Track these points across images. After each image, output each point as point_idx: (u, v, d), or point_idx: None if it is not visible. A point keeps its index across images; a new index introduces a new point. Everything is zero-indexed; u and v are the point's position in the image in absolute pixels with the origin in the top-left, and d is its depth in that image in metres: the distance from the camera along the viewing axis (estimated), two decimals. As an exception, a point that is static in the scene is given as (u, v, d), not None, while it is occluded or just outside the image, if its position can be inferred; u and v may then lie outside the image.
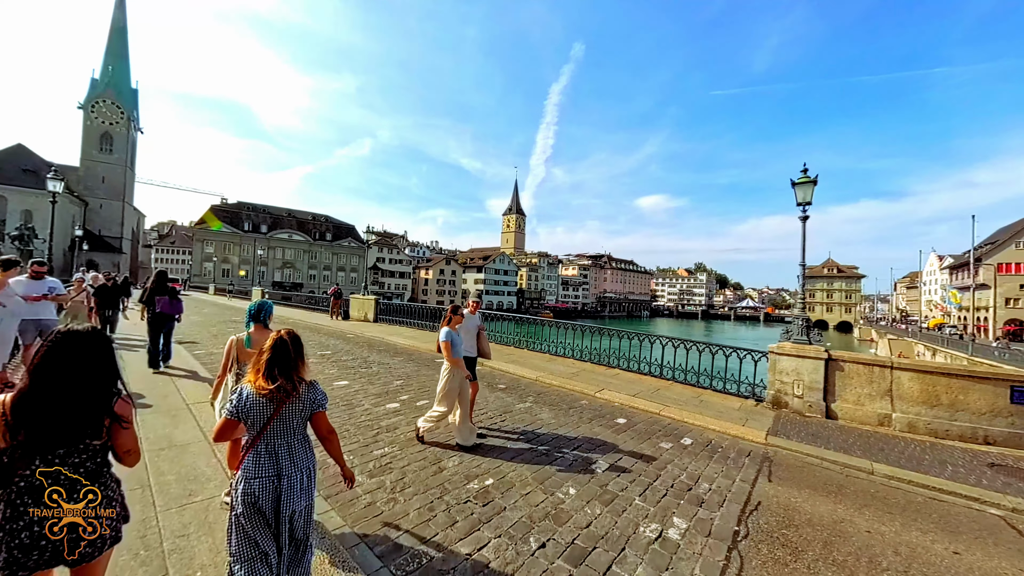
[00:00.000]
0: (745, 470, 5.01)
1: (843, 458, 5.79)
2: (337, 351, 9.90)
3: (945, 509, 4.57)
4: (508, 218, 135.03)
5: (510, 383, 8.09)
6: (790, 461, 5.56)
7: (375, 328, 15.21)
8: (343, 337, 12.52)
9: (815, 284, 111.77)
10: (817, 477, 5.13)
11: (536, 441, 5.25)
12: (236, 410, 2.12)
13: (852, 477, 5.32)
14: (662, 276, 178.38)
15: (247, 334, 3.36)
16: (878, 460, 5.81)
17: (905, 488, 5.07)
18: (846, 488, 4.88)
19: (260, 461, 2.11)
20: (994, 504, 4.85)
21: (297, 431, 2.24)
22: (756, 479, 4.80)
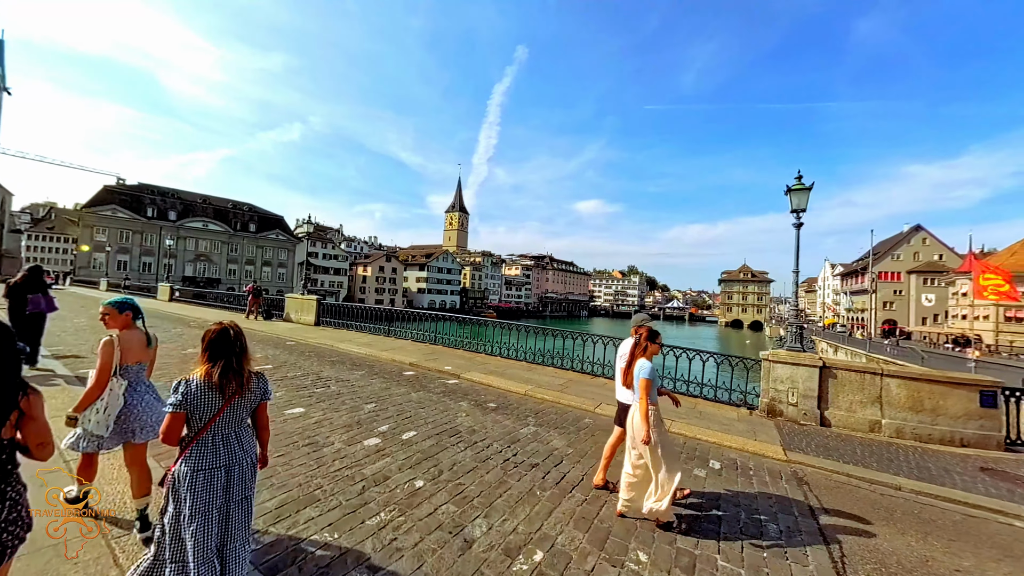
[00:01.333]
0: (793, 499, 4.44)
1: (868, 473, 5.53)
2: (279, 364, 8.10)
3: (992, 529, 4.36)
4: (451, 216, 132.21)
5: (499, 401, 7.02)
6: (823, 482, 5.16)
7: (318, 333, 13.21)
8: (282, 345, 10.54)
9: (733, 287, 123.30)
10: (859, 500, 4.75)
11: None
12: (184, 402, 2.10)
13: (887, 496, 5.05)
14: (599, 277, 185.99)
15: (118, 333, 3.00)
16: (895, 472, 5.65)
17: (940, 505, 4.86)
18: (895, 512, 4.55)
19: (208, 452, 2.11)
20: (1017, 516, 4.77)
21: (244, 420, 2.30)
22: (813, 512, 4.27)
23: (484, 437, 5.17)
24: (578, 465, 4.67)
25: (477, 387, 7.78)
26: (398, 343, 12.03)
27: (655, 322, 4.86)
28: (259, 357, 8.55)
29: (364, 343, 11.56)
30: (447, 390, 7.30)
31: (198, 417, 2.12)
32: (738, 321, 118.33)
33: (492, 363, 10.03)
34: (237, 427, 2.24)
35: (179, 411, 2.08)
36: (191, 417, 2.12)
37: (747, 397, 8.33)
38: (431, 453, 4.51)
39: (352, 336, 12.89)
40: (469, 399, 6.87)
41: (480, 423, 5.69)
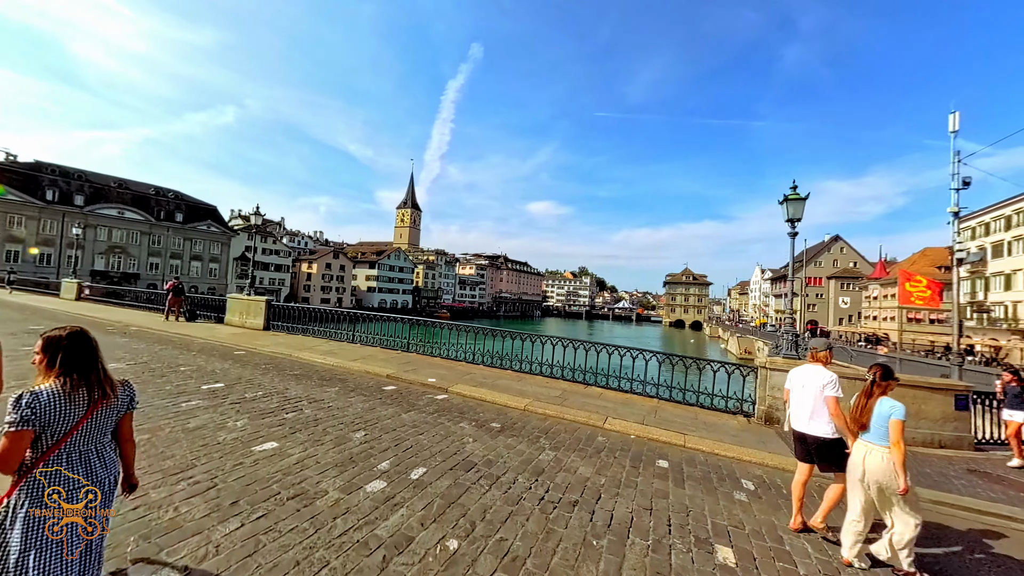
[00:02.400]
0: (780, 513, 4.14)
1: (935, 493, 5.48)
2: (232, 381, 6.75)
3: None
4: (402, 212, 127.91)
5: (500, 419, 6.29)
6: None
7: (270, 340, 11.63)
8: (229, 355, 9.01)
9: (676, 289, 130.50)
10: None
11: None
12: (31, 417, 1.78)
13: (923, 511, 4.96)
14: (552, 278, 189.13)
15: None
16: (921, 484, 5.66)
17: (971, 517, 4.84)
18: (944, 528, 4.43)
19: (66, 472, 1.89)
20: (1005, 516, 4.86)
21: (106, 434, 2.08)
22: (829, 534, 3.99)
23: (504, 469, 4.43)
24: (620, 500, 4.08)
25: (470, 403, 6.98)
26: (366, 351, 10.84)
27: (604, 322, 4.46)
28: (208, 372, 7.12)
29: (327, 351, 10.26)
30: (439, 408, 6.44)
31: (49, 435, 1.85)
32: (680, 321, 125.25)
33: (476, 373, 9.23)
34: (101, 441, 2.03)
35: (24, 429, 1.77)
36: (40, 436, 1.83)
37: (743, 405, 8.24)
38: (453, 497, 3.71)
39: (311, 343, 11.46)
40: (467, 418, 6.07)
41: (492, 450, 4.93)
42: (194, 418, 4.86)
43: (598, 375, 9.12)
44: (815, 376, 4.06)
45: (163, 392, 5.75)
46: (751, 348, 52.54)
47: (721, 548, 3.41)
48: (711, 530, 3.73)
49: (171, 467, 3.68)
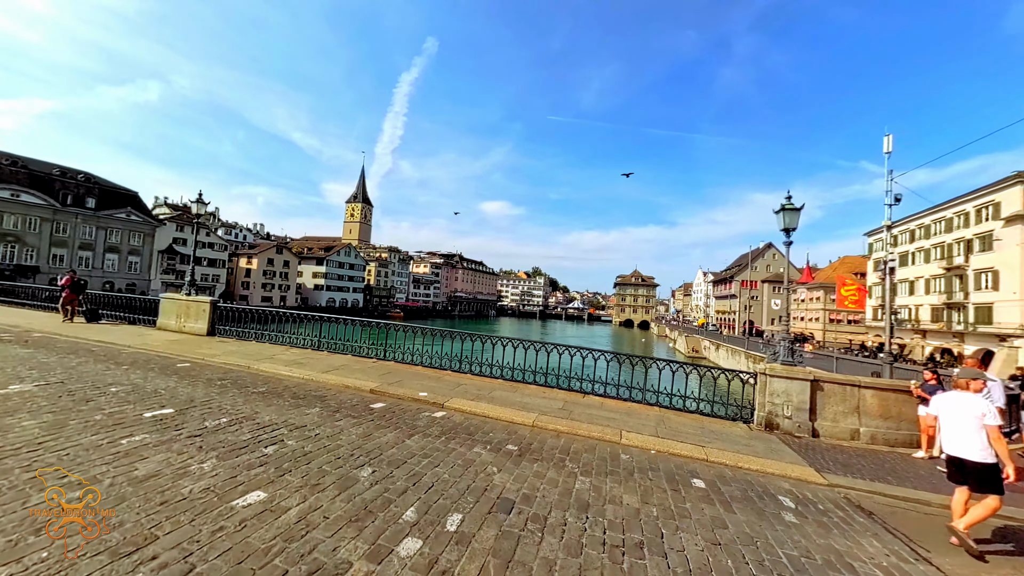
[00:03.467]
0: (844, 540, 4.00)
1: (900, 491, 5.52)
2: (184, 405, 5.50)
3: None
4: (353, 206, 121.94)
5: (513, 439, 5.66)
6: (878, 508, 4.92)
7: (219, 347, 10.08)
8: (173, 369, 7.54)
9: (626, 290, 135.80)
10: (923, 526, 4.55)
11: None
12: None
13: (937, 516, 4.98)
14: (506, 278, 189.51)
15: None
16: (908, 485, 5.76)
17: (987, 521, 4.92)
18: (976, 535, 4.42)
19: None
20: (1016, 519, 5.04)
21: None
22: (912, 549, 3.89)
23: (546, 506, 3.81)
24: (683, 535, 3.61)
25: (474, 420, 6.26)
26: (337, 359, 9.68)
27: (557, 321, 4.10)
28: (149, 393, 5.77)
29: (292, 361, 9.00)
30: (444, 429, 5.67)
31: None
32: (629, 321, 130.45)
33: (467, 383, 8.49)
34: None
35: None
36: None
37: (742, 412, 8.21)
38: (507, 553, 3.03)
39: (270, 351, 10.07)
40: (479, 441, 5.36)
41: (523, 481, 4.28)
42: (143, 461, 3.75)
43: (595, 383, 8.74)
44: (967, 404, 4.19)
45: (92, 425, 4.47)
46: (698, 346, 55.50)
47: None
48: (789, 564, 3.38)
49: (120, 541, 2.68)
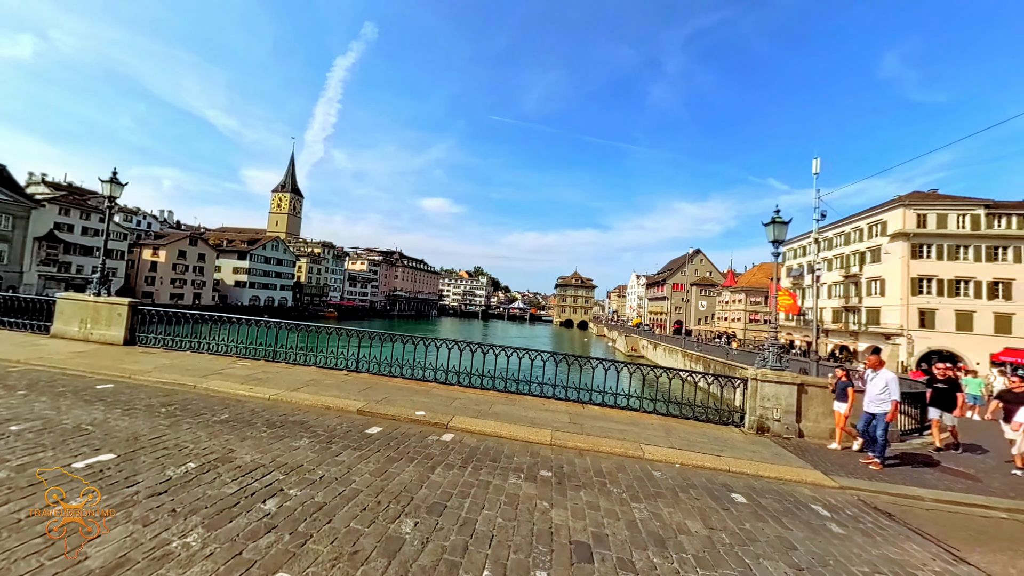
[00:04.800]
0: (895, 547, 4.11)
1: (897, 488, 5.85)
2: (126, 446, 4.14)
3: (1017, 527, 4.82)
4: (280, 196, 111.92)
5: (540, 462, 5.16)
6: (891, 508, 5.13)
7: (147, 360, 8.30)
8: (92, 394, 5.90)
9: (567, 291, 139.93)
10: (937, 523, 4.80)
11: None
12: None
13: (937, 511, 5.33)
14: (448, 277, 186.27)
15: None
16: (898, 481, 6.15)
17: (964, 512, 5.34)
18: (987, 532, 4.76)
19: None
20: (999, 508, 5.59)
21: None
22: (945, 549, 4.04)
23: (624, 547, 3.34)
24: (766, 562, 3.35)
25: (489, 443, 5.60)
26: (301, 373, 8.40)
27: (499, 321, 3.96)
28: (71, 430, 4.33)
29: (248, 377, 7.61)
30: (463, 456, 4.96)
31: None
32: (569, 321, 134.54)
33: (460, 397, 7.75)
34: None
35: None
36: None
37: (732, 416, 8.38)
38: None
39: (215, 364, 8.48)
40: (508, 468, 4.75)
41: (583, 517, 3.77)
42: (94, 544, 2.64)
43: (593, 392, 8.44)
44: None
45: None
46: (636, 346, 58.50)
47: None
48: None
49: None
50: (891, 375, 7.04)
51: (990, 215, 36.05)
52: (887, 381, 6.96)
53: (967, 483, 6.53)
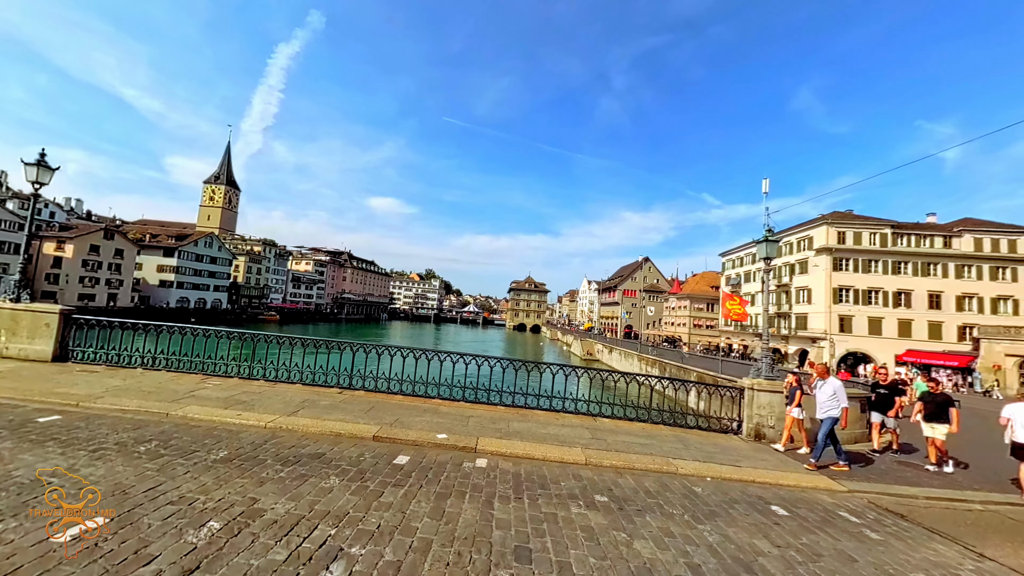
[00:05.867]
0: (925, 547, 4.45)
1: (897, 489, 6.32)
2: (116, 501, 3.32)
3: (1004, 521, 5.41)
4: (214, 188, 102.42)
5: (590, 486, 4.94)
6: (900, 509, 5.52)
7: (90, 381, 7.00)
8: (37, 431, 4.73)
9: (520, 295, 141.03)
10: (945, 521, 5.22)
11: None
12: None
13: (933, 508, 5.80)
14: (399, 279, 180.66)
15: None
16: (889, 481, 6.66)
17: (957, 507, 5.88)
18: (978, 525, 5.23)
19: None
20: (974, 501, 6.22)
21: None
22: (964, 547, 4.40)
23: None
24: None
25: (525, 466, 5.28)
26: (290, 392, 7.52)
27: (452, 325, 4.07)
28: (28, 485, 3.38)
29: (229, 399, 6.65)
30: (511, 486, 4.61)
31: None
32: (522, 325, 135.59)
33: (473, 415, 7.32)
34: None
35: None
36: None
37: (731, 424, 8.66)
38: None
39: (180, 383, 7.35)
40: (563, 496, 4.49)
41: (667, 547, 3.61)
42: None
43: (589, 403, 8.36)
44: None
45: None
46: (592, 350, 60.08)
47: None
48: None
49: None
50: (838, 383, 7.38)
51: (895, 234, 41.31)
52: (835, 389, 7.27)
53: (942, 479, 7.22)
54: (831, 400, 7.21)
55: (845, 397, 7.24)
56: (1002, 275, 38.76)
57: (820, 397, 7.37)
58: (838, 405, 7.15)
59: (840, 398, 7.19)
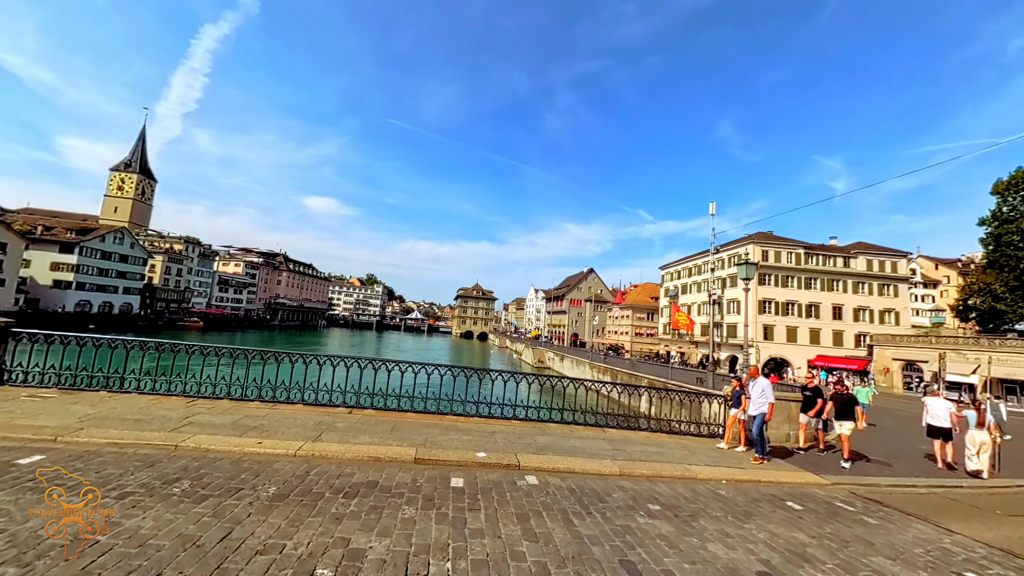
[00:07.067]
0: (911, 527, 5.33)
1: (869, 480, 7.31)
2: (205, 559, 2.87)
3: (974, 499, 6.59)
4: (123, 177, 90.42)
5: (634, 496, 5.20)
6: (877, 497, 6.44)
7: (46, 409, 6.03)
8: (25, 474, 4.06)
9: (467, 302, 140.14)
10: (917, 504, 6.21)
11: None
12: None
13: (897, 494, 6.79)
14: (338, 284, 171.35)
15: None
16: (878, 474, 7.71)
17: (909, 491, 6.98)
18: (932, 506, 6.29)
19: None
20: (919, 486, 7.42)
21: None
22: (939, 526, 5.34)
23: (801, 566, 3.60)
24: (878, 558, 3.93)
25: (571, 481, 5.45)
26: (291, 413, 7.05)
27: (395, 333, 4.52)
28: (50, 543, 2.90)
29: (233, 424, 6.10)
30: (576, 501, 4.79)
31: None
32: (469, 332, 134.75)
33: (494, 429, 7.35)
34: None
35: None
36: None
37: (711, 428, 9.44)
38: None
39: (159, 407, 6.58)
40: (625, 507, 4.75)
41: (737, 547, 3.98)
42: None
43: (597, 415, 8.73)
44: (944, 404, 9.13)
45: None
46: (543, 358, 61.24)
47: None
48: (943, 559, 4.06)
49: None
50: (766, 382, 8.08)
51: (807, 254, 47.19)
52: (763, 387, 7.90)
53: (887, 469, 8.47)
54: (761, 397, 7.82)
55: (771, 394, 7.89)
56: (887, 291, 45.79)
57: (753, 394, 7.96)
58: (765, 401, 7.76)
59: (768, 395, 7.82)
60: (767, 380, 8.15)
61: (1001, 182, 33.85)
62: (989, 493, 7.59)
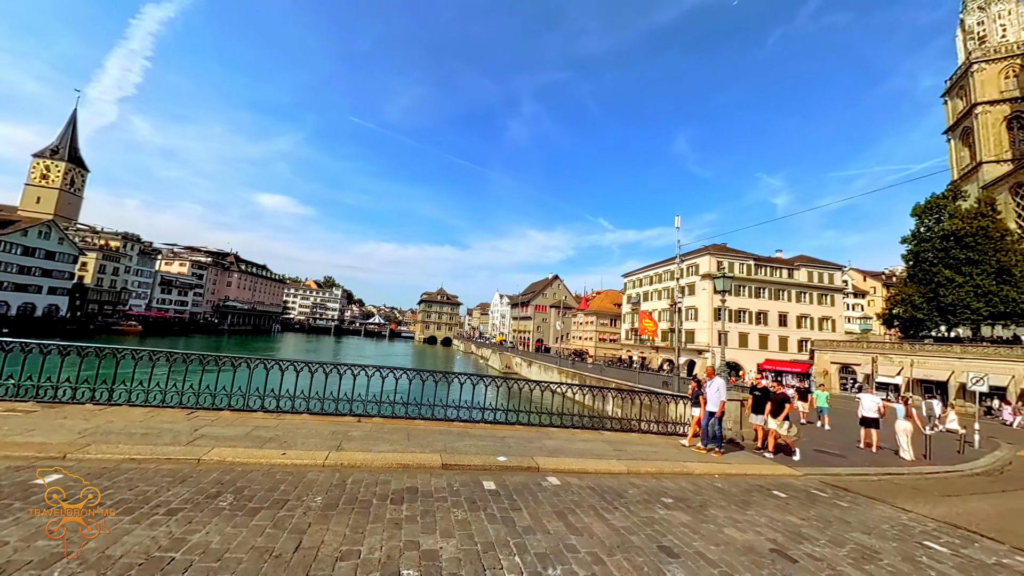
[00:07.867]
0: (875, 508, 6.21)
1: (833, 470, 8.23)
2: (285, 570, 3.06)
3: (915, 482, 7.63)
4: (48, 165, 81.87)
5: (647, 495, 5.68)
6: (842, 484, 7.32)
7: (32, 424, 5.69)
8: (41, 494, 3.91)
9: (431, 307, 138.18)
10: (874, 488, 7.14)
11: None
12: None
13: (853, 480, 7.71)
14: (294, 287, 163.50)
15: None
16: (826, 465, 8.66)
17: (863, 478, 7.96)
18: (884, 490, 7.21)
19: None
20: (870, 474, 8.45)
21: None
22: (896, 507, 6.21)
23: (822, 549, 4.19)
24: (867, 536, 4.63)
25: (589, 481, 5.87)
26: (302, 423, 7.00)
27: (355, 338, 4.98)
28: (127, 561, 2.92)
29: (248, 435, 6.04)
30: (602, 498, 5.19)
31: None
32: (433, 338, 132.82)
33: (502, 434, 7.63)
34: None
35: None
36: None
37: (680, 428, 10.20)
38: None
39: (159, 420, 6.36)
40: (643, 502, 5.22)
41: (760, 533, 4.51)
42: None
43: (593, 418, 9.22)
44: (874, 399, 11.26)
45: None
46: (510, 363, 61.63)
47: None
48: (904, 531, 4.81)
49: None
50: (721, 381, 8.64)
51: (757, 265, 50.87)
52: (718, 386, 8.51)
53: (840, 459, 9.56)
54: (716, 395, 8.45)
55: (725, 392, 8.62)
56: (825, 300, 50.26)
57: (709, 393, 8.54)
58: (719, 399, 8.38)
59: (722, 393, 8.47)
60: (722, 379, 8.67)
61: (919, 206, 38.28)
62: (926, 478, 8.79)
